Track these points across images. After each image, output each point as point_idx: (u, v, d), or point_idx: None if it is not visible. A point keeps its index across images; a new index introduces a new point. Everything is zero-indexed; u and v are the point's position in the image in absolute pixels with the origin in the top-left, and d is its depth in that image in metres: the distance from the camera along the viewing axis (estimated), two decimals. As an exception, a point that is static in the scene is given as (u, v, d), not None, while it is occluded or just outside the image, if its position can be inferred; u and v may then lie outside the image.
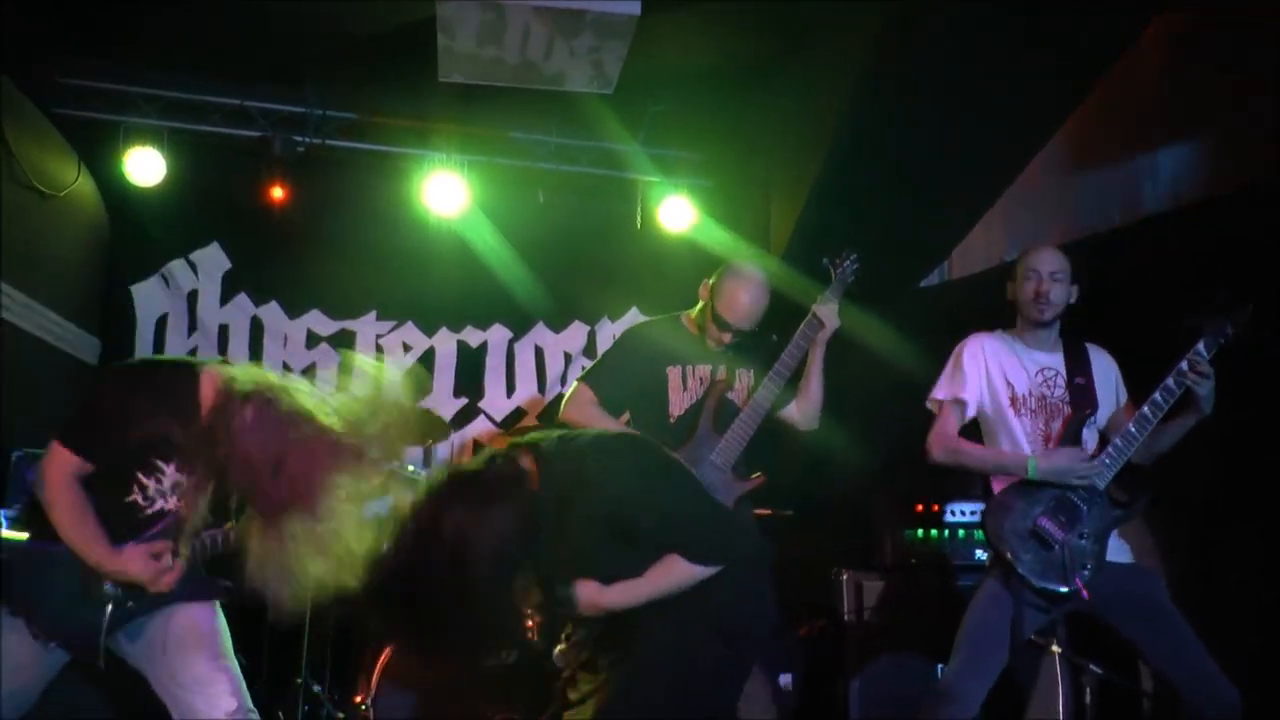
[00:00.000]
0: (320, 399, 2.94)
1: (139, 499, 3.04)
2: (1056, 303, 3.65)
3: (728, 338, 3.92)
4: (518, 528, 2.58)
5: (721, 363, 3.96)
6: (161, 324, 6.26)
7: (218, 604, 3.23)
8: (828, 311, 3.88)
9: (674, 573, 2.66)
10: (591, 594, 2.76)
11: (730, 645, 2.71)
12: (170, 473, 3.07)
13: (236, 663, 3.16)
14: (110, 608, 3.00)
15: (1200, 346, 3.42)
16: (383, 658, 4.63)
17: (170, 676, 3.07)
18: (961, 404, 3.67)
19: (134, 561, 2.95)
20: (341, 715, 4.89)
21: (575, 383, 4.00)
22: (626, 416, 3.97)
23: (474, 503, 2.59)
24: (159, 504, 3.07)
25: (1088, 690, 3.65)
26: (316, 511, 2.80)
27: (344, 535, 2.83)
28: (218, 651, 3.13)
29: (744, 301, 3.88)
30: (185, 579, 3.07)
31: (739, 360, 3.98)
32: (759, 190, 6.28)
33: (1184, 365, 3.41)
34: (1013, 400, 3.64)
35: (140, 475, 3.03)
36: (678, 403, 3.90)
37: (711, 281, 3.98)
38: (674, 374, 3.92)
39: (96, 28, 5.42)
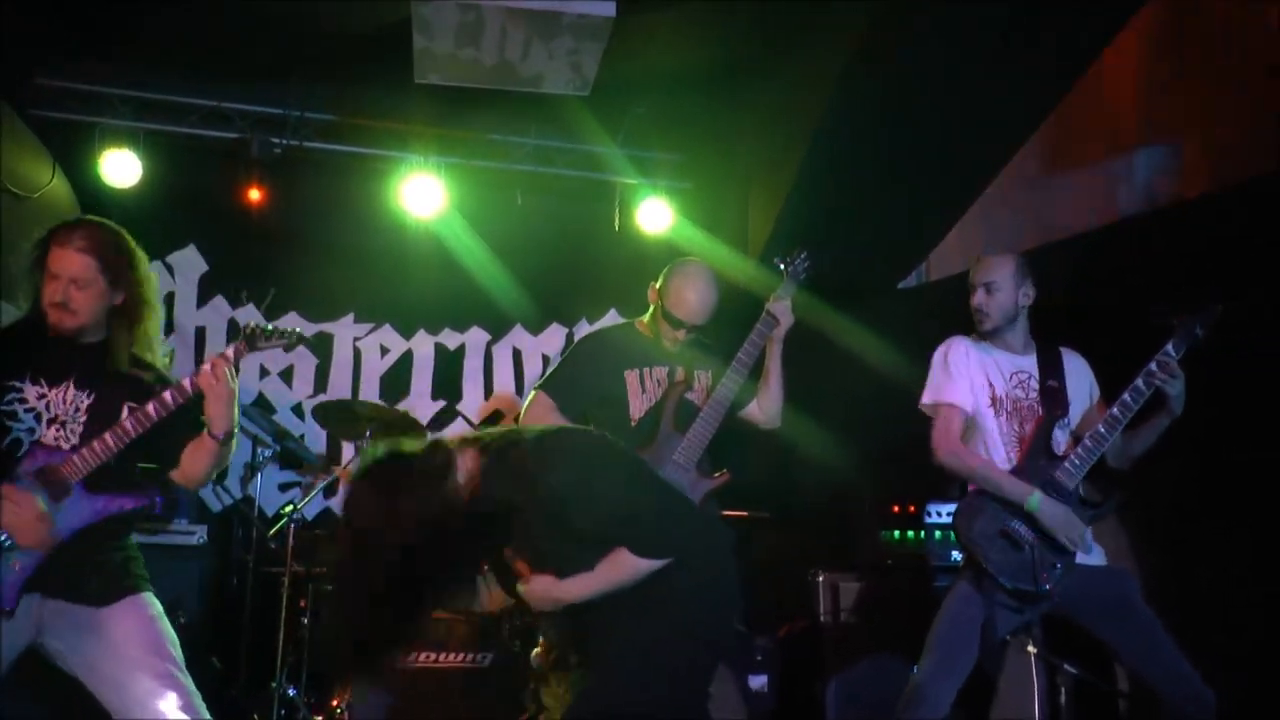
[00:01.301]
0: None
1: (19, 438, 2.99)
2: (994, 313, 3.67)
3: (682, 334, 3.92)
4: (429, 521, 2.50)
5: (679, 363, 3.95)
6: (137, 326, 6.20)
7: (160, 609, 3.10)
8: (782, 308, 3.88)
9: (622, 566, 2.64)
10: (544, 587, 2.75)
11: (695, 640, 2.69)
12: (32, 393, 3.03)
13: (186, 672, 3.01)
14: (7, 548, 2.86)
15: (1169, 347, 3.43)
16: (359, 661, 4.61)
17: (115, 691, 2.93)
18: (959, 408, 3.68)
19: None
20: (318, 719, 4.87)
21: (533, 391, 3.97)
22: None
23: (385, 488, 2.53)
24: (40, 437, 3.01)
25: (1063, 690, 3.66)
26: None
27: None
28: (164, 663, 2.97)
29: (692, 298, 3.88)
30: (81, 497, 2.99)
31: (697, 361, 3.98)
32: (738, 192, 6.28)
33: (1153, 366, 3.42)
34: (992, 400, 3.65)
35: (2, 412, 2.98)
36: (638, 406, 3.89)
37: (658, 284, 3.98)
38: (632, 377, 3.91)
39: (71, 28, 5.38)
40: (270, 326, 3.17)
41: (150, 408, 3.04)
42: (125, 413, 3.09)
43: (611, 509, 2.65)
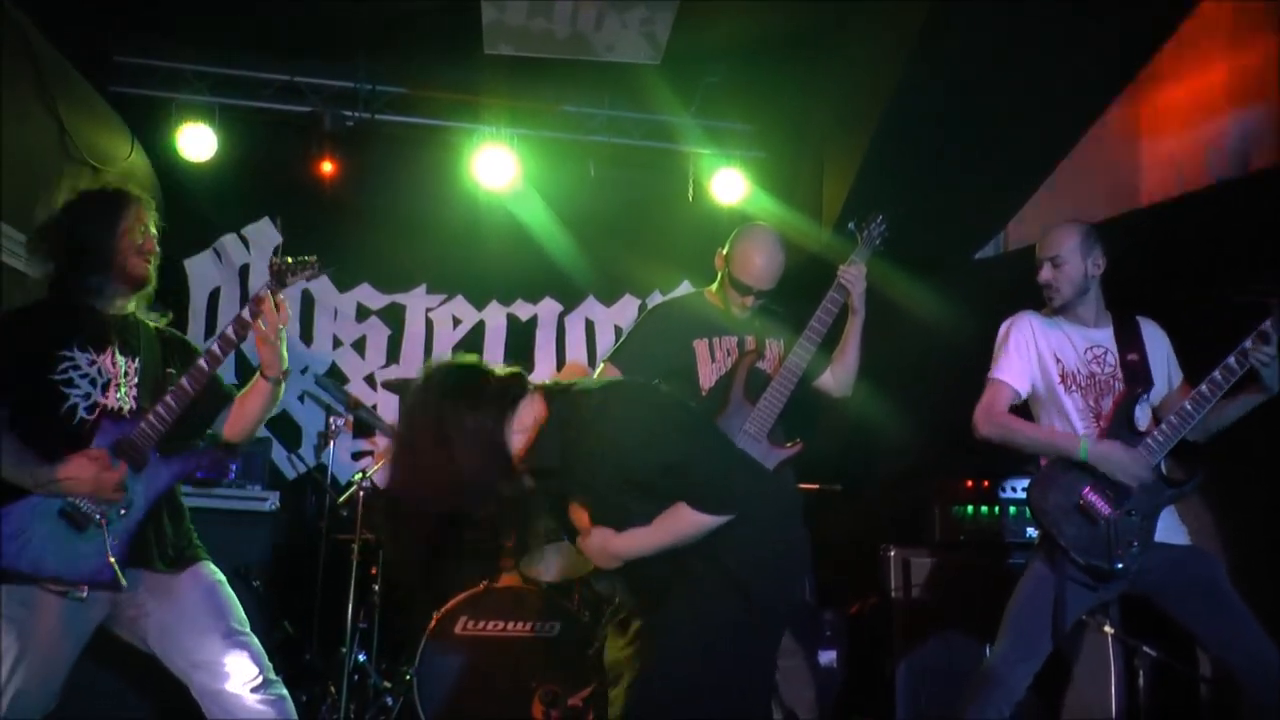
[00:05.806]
0: None
1: (75, 403, 3.02)
2: (1064, 287, 3.56)
3: (750, 300, 3.88)
4: (477, 444, 2.58)
5: (749, 332, 3.91)
6: (214, 297, 6.32)
7: (222, 576, 3.20)
8: (854, 274, 3.82)
9: (681, 521, 2.61)
10: (601, 540, 2.73)
11: (753, 610, 2.63)
12: (83, 360, 3.06)
13: (252, 633, 3.13)
14: (106, 523, 2.94)
15: (1268, 325, 3.25)
16: (429, 628, 4.66)
17: (185, 657, 3.05)
18: (1008, 385, 3.59)
19: (74, 468, 2.91)
20: (388, 684, 4.93)
21: (602, 363, 3.97)
22: None
23: (450, 394, 2.61)
24: (97, 401, 3.04)
25: (1141, 674, 3.57)
26: None
27: None
28: (231, 624, 3.10)
29: (759, 261, 3.84)
30: (158, 463, 3.05)
31: (768, 330, 3.94)
32: (812, 162, 6.19)
33: (1248, 343, 3.27)
34: (1063, 377, 3.55)
35: (58, 380, 3.01)
36: (707, 375, 3.86)
37: (725, 250, 3.95)
38: (701, 347, 3.89)
39: (148, 5, 5.46)
40: (291, 259, 3.27)
41: (203, 362, 3.11)
42: (166, 374, 3.18)
43: (671, 461, 2.62)
